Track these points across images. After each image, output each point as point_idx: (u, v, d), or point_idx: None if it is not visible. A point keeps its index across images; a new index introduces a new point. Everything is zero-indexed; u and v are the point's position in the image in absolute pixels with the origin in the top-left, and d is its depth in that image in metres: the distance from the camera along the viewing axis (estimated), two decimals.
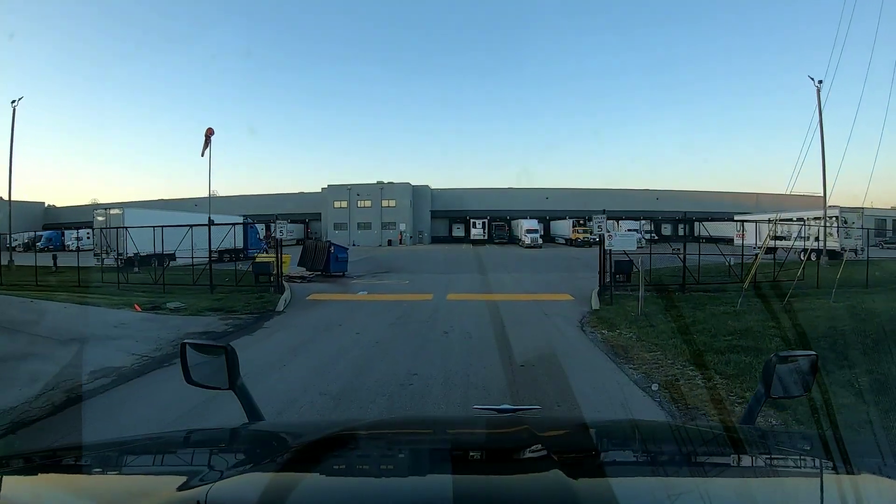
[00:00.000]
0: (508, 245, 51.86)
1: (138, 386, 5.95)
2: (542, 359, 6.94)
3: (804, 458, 1.26)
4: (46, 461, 1.28)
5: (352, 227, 58.02)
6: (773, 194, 65.47)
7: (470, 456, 1.27)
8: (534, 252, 39.15)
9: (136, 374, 6.38)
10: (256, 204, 63.04)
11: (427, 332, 9.08)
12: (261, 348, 8.03)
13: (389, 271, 21.60)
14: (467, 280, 17.55)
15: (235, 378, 1.54)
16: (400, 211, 57.05)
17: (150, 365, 6.72)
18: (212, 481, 0.96)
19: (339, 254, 19.04)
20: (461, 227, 61.07)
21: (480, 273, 20.20)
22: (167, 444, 1.46)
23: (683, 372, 6.24)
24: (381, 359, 7.14)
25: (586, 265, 17.93)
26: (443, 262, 27.79)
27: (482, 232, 54.88)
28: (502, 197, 61.34)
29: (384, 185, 57.68)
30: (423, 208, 59.86)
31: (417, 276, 19.16)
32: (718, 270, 16.41)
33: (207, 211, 40.18)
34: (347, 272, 19.40)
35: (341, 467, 1.17)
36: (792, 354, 1.58)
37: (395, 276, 19.09)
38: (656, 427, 2.02)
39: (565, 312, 11.21)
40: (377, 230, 57.18)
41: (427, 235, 59.81)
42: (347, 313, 11.19)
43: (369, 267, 23.39)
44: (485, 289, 15.15)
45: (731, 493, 1.03)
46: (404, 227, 56.90)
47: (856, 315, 8.98)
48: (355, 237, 57.17)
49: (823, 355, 3.33)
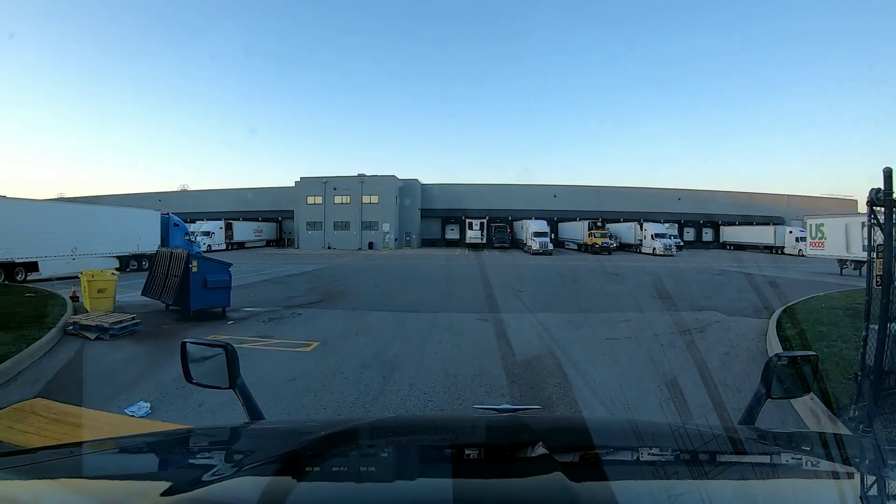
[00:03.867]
0: (511, 250, 43.39)
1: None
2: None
3: (804, 458, 1.24)
4: (46, 460, 1.20)
5: (327, 226, 49.31)
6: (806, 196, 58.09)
7: (470, 457, 1.24)
8: (547, 261, 30.28)
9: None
10: (232, 199, 55.01)
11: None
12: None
13: (324, 300, 12.81)
14: (464, 334, 8.54)
15: (235, 377, 1.52)
16: (384, 209, 48.23)
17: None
18: (212, 481, 0.96)
19: (211, 274, 10.39)
20: (456, 228, 52.69)
21: (488, 308, 11.30)
22: (167, 443, 1.45)
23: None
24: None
25: (656, 290, 11.84)
26: (425, 279, 19.06)
27: (480, 234, 46.19)
28: (503, 194, 52.73)
29: (365, 179, 48.86)
30: (412, 206, 51.09)
31: (364, 317, 10.38)
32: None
33: (173, 208, 31.71)
34: (231, 307, 10.78)
35: (341, 467, 1.15)
36: (792, 355, 1.60)
37: (320, 320, 10.15)
38: (656, 427, 1.73)
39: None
40: (356, 231, 48.49)
41: (416, 238, 51.07)
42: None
43: (296, 290, 14.71)
44: (514, 383, 5.88)
45: (732, 494, 1.01)
46: (388, 228, 48.08)
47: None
48: (331, 239, 48.61)
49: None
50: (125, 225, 22.59)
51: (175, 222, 27.22)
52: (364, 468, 1.17)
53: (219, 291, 10.54)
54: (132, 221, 23.35)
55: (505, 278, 18.63)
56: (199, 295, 10.24)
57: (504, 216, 50.00)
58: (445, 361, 6.76)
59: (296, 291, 14.53)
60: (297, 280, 18.26)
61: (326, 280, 18.25)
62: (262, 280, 18.20)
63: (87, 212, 21.89)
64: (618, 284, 16.65)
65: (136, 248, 22.67)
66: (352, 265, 26.31)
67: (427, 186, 53.35)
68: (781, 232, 42.71)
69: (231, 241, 46.50)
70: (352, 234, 48.59)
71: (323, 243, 48.74)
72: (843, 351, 6.38)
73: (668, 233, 40.08)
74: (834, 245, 24.37)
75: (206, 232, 43.06)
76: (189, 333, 8.47)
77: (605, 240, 38.97)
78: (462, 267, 25.05)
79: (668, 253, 37.09)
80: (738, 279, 19.15)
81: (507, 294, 13.55)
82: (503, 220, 49.19)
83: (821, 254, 25.10)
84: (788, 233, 41.81)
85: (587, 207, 51.18)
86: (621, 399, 5.06)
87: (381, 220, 48.18)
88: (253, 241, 50.67)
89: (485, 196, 52.03)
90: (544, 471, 0.95)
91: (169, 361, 6.17)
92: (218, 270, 10.65)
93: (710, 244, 52.99)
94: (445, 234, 53.98)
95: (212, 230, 44.10)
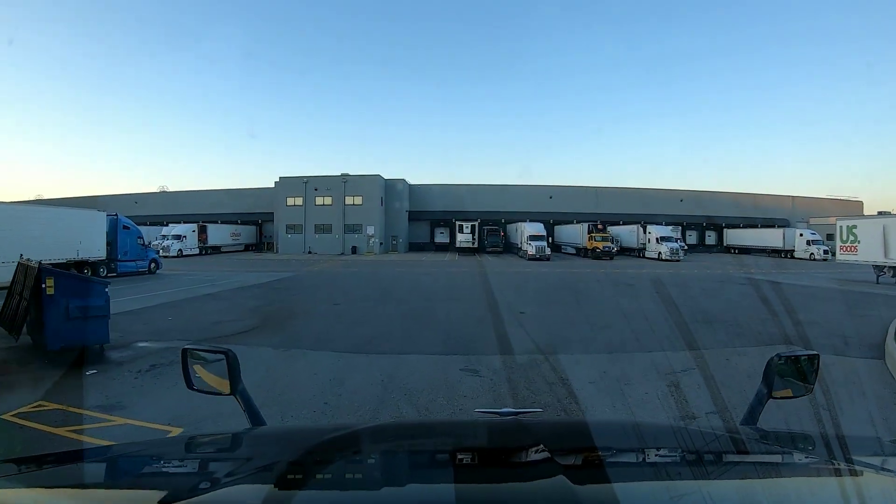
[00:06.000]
0: (505, 255, 40.18)
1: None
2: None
3: (806, 458, 1.24)
4: (47, 467, 1.21)
5: (308, 229, 45.88)
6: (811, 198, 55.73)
7: (472, 461, 1.23)
8: (547, 268, 27.03)
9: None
10: (210, 201, 51.32)
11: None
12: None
13: (258, 328, 9.45)
14: (434, 409, 5.03)
15: (237, 383, 1.48)
16: (368, 210, 44.84)
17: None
18: (213, 487, 0.95)
19: (77, 300, 7.00)
20: (446, 231, 49.48)
21: (479, 344, 7.90)
22: (169, 450, 1.45)
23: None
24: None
25: (691, 310, 9.83)
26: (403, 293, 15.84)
27: (471, 238, 42.95)
28: (496, 195, 49.62)
29: (349, 178, 45.46)
30: (399, 208, 47.75)
31: (293, 362, 6.90)
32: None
33: (150, 210, 28.13)
34: (121, 339, 7.53)
35: (343, 473, 1.14)
36: (794, 354, 1.57)
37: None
38: (658, 428, 1.74)
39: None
40: (339, 234, 45.09)
41: (403, 242, 47.75)
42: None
43: (235, 311, 11.42)
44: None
45: (735, 495, 1.00)
46: (373, 231, 44.72)
47: None
48: (312, 243, 45.19)
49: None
50: (60, 228, 19.22)
51: (125, 224, 23.79)
52: (366, 474, 1.15)
53: (91, 323, 7.21)
54: (69, 224, 20.04)
55: (501, 292, 15.41)
56: (58, 328, 6.94)
57: (497, 218, 46.87)
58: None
59: (232, 313, 11.22)
60: (247, 294, 14.96)
61: (282, 295, 14.94)
62: (205, 294, 14.92)
63: (7, 212, 18.46)
64: (639, 300, 13.54)
65: (74, 254, 19.47)
66: (324, 273, 22.99)
67: (415, 187, 50.09)
68: (791, 235, 39.96)
69: (205, 245, 42.78)
70: (334, 237, 45.19)
71: (303, 247, 45.28)
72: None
73: (673, 236, 37.14)
74: (869, 249, 21.50)
75: (177, 235, 39.65)
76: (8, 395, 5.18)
77: (606, 244, 35.95)
78: (449, 276, 21.84)
79: (675, 258, 34.17)
80: (776, 292, 16.15)
81: (504, 318, 10.33)
82: (496, 222, 46.04)
83: (853, 259, 22.22)
84: (799, 235, 39.12)
85: (585, 209, 48.31)
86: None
87: (365, 223, 44.80)
88: (230, 245, 46.93)
89: (476, 197, 48.87)
90: (547, 474, 0.95)
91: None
92: (88, 293, 7.30)
93: (712, 247, 50.36)
94: (435, 237, 50.76)
95: (183, 234, 40.44)
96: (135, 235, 23.86)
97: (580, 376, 6.05)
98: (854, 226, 22.43)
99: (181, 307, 12.41)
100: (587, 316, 10.79)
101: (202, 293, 15.24)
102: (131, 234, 23.68)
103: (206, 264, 29.45)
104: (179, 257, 36.96)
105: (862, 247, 21.84)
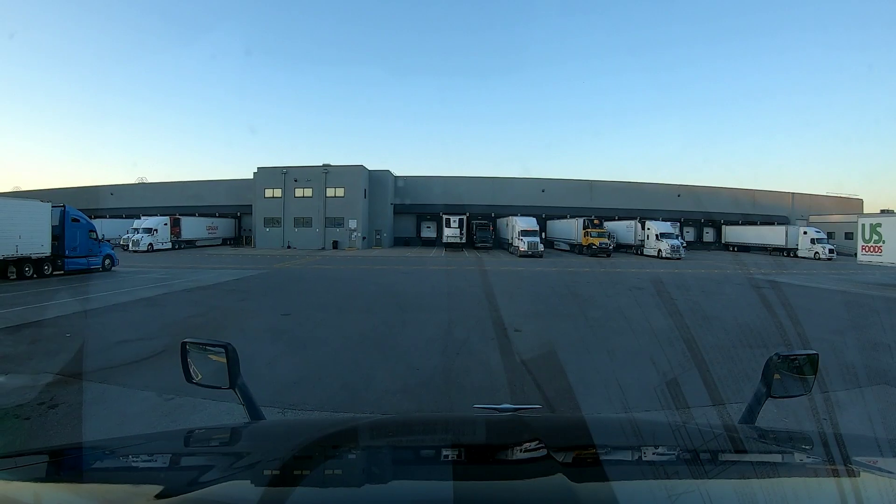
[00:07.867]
0: (495, 251, 37.95)
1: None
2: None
3: (805, 457, 1.24)
4: (46, 461, 1.19)
5: (287, 222, 43.31)
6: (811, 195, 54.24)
7: (471, 457, 1.23)
8: (541, 266, 24.72)
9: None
10: (188, 192, 48.22)
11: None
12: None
13: (162, 354, 6.93)
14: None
15: (236, 377, 1.47)
16: (350, 203, 42.24)
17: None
18: (213, 481, 0.95)
19: None
20: (432, 225, 47.07)
21: (459, 396, 5.61)
22: (168, 444, 1.42)
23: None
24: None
25: (724, 324, 7.98)
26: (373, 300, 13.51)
27: (459, 233, 40.52)
28: (486, 188, 47.30)
29: (330, 169, 42.76)
30: (383, 201, 45.27)
31: (170, 421, 4.77)
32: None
33: (127, 202, 25.34)
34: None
35: (342, 468, 1.13)
36: (793, 354, 1.55)
37: (43, 437, 4.41)
38: (657, 426, 1.68)
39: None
40: (320, 228, 42.51)
41: (387, 236, 45.30)
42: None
43: (154, 324, 9.02)
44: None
45: (733, 493, 0.99)
46: (355, 225, 42.20)
47: None
48: (291, 237, 42.62)
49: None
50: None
51: (74, 217, 21.22)
52: (364, 468, 1.13)
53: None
54: (7, 216, 17.69)
55: (491, 299, 13.04)
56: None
57: (486, 212, 44.57)
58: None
59: (151, 327, 8.79)
60: (191, 299, 12.55)
61: (229, 300, 12.48)
62: (142, 299, 12.62)
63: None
64: (656, 309, 11.30)
65: (13, 250, 17.13)
66: (291, 273, 20.51)
67: (400, 179, 47.58)
68: (794, 232, 38.13)
69: (179, 238, 39.92)
70: (314, 231, 42.61)
71: (282, 242, 42.70)
72: None
73: (674, 232, 35.11)
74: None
75: (147, 229, 36.83)
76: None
77: (603, 240, 33.85)
78: (432, 276, 19.50)
79: (676, 256, 32.18)
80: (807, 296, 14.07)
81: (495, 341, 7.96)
82: (485, 216, 43.73)
83: (878, 260, 20.31)
84: (803, 233, 37.31)
85: (579, 203, 46.30)
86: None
87: (347, 217, 42.24)
88: (206, 239, 44.02)
89: (465, 190, 46.42)
90: (545, 472, 0.94)
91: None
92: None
93: (711, 245, 48.65)
94: (421, 232, 48.34)
95: (155, 227, 37.55)
96: (86, 229, 21.33)
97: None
98: (878, 224, 20.50)
99: (98, 317, 9.99)
100: (595, 336, 8.49)
101: (141, 297, 12.88)
102: (82, 228, 21.13)
103: (172, 260, 26.83)
104: (149, 252, 34.27)
105: (888, 247, 19.94)
